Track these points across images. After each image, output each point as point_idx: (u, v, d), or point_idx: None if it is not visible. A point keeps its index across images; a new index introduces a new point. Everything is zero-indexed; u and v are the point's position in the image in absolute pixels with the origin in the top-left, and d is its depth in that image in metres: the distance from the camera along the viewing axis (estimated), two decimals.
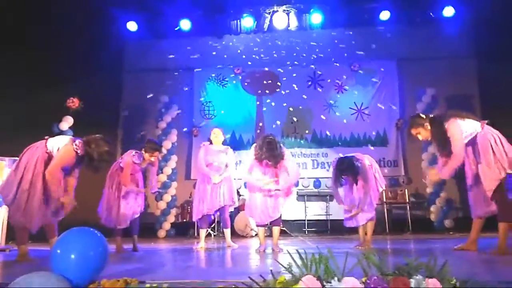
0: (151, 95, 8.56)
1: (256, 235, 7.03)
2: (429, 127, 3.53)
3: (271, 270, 1.43)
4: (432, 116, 3.64)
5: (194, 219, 5.12)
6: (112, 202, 4.33)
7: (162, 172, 7.88)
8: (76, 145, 3.45)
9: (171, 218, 7.85)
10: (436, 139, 3.50)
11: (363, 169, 4.34)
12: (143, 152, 4.46)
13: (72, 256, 1.68)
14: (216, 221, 7.30)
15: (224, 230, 5.11)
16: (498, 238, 3.25)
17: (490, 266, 2.64)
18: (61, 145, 3.47)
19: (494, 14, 7.19)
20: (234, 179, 5.13)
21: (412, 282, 1.33)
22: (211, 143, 4.96)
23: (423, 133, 3.58)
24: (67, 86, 6.94)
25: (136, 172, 4.49)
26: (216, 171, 4.77)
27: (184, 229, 7.91)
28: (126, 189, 4.34)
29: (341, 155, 4.56)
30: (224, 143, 5.07)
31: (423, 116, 3.63)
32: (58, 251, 1.72)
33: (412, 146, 8.30)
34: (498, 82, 7.01)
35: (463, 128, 3.37)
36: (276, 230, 4.24)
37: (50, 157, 3.48)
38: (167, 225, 7.77)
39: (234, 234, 6.58)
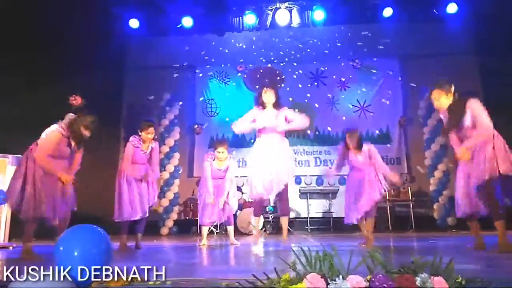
0: (152, 97, 8.50)
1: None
2: (451, 98, 3.45)
3: (275, 268, 1.42)
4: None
5: (200, 223, 5.22)
6: (122, 195, 4.30)
7: (164, 170, 7.87)
8: (61, 127, 3.54)
9: (174, 216, 7.84)
10: (452, 113, 3.43)
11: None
12: (139, 133, 4.42)
13: (75, 253, 1.68)
14: None
15: (228, 227, 5.13)
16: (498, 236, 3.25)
17: (495, 263, 2.64)
18: (48, 131, 3.56)
19: (497, 11, 7.13)
20: (236, 176, 5.23)
21: (418, 280, 1.32)
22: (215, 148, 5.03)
23: (442, 100, 3.48)
24: (69, 84, 6.87)
25: (142, 163, 4.45)
26: (219, 186, 4.93)
27: (186, 227, 7.92)
28: (133, 177, 4.32)
29: None
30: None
31: (453, 86, 3.50)
32: (61, 248, 1.72)
33: (415, 143, 8.29)
34: (502, 79, 6.96)
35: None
36: (284, 220, 4.31)
37: None
38: (170, 223, 7.77)
39: (236, 231, 6.56)
